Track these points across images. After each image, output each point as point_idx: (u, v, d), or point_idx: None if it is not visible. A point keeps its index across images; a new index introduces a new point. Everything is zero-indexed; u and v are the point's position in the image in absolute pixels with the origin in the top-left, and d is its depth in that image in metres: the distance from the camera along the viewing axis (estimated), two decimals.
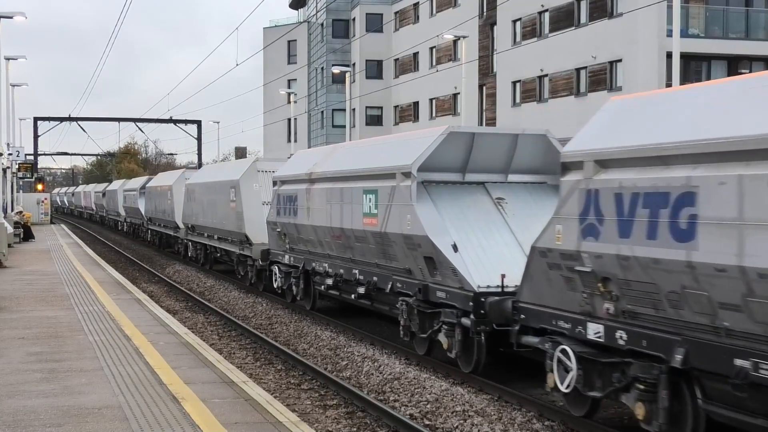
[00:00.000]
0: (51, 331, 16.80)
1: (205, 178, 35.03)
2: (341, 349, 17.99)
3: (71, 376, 12.56)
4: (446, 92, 66.83)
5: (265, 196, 26.83)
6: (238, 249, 28.70)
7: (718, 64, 46.21)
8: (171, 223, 42.43)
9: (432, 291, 15.58)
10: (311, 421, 12.41)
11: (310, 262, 21.80)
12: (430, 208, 15.73)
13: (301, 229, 22.00)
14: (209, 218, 32.80)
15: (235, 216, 28.42)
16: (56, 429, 9.75)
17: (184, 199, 38.25)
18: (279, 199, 23.75)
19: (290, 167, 23.85)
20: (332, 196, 19.83)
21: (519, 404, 13.18)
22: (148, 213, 50.42)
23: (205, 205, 33.53)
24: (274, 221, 24.19)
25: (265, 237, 25.88)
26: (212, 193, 32.17)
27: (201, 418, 10.14)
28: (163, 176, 51.03)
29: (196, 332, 19.49)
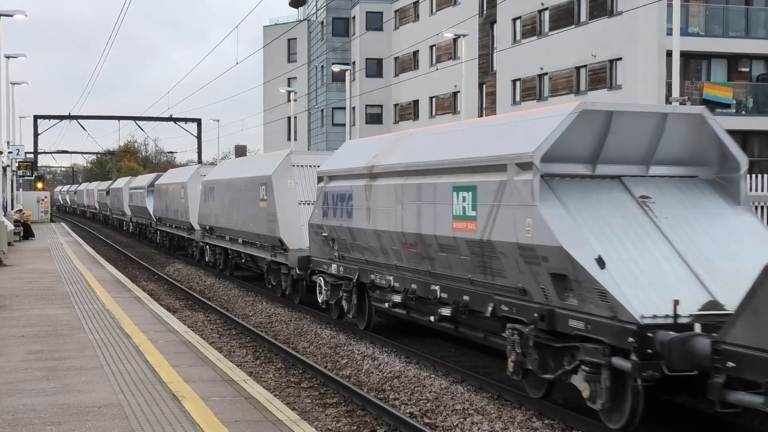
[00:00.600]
0: (51, 329, 16.81)
1: (226, 174, 31.32)
2: (341, 347, 17.99)
3: (71, 375, 12.56)
4: (446, 91, 66.81)
5: (302, 195, 23.76)
6: (270, 255, 25.04)
7: (718, 62, 46.23)
8: (184, 224, 38.99)
9: (562, 319, 11.95)
10: (311, 419, 12.42)
11: (367, 273, 18.30)
12: (559, 210, 12.22)
13: (358, 234, 18.45)
14: (232, 219, 29.25)
15: (267, 217, 24.81)
16: (56, 427, 9.76)
17: (200, 198, 34.76)
18: (326, 198, 20.11)
19: (340, 160, 20.23)
20: (404, 194, 16.27)
21: (519, 403, 13.18)
22: (158, 213, 46.63)
23: (227, 205, 29.97)
24: (319, 224, 20.47)
25: (302, 241, 22.86)
26: (236, 191, 28.58)
27: (201, 417, 10.15)
28: (174, 173, 47.88)
29: (196, 330, 19.50)
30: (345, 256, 19.46)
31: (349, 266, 19.25)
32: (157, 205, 46.66)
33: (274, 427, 9.81)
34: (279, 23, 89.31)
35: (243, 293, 27.49)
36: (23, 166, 63.69)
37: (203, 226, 34.19)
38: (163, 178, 47.38)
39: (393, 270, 17.16)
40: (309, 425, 10.14)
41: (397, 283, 16.89)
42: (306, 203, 23.40)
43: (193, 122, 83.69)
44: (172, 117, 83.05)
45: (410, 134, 18.02)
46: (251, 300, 25.85)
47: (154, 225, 48.69)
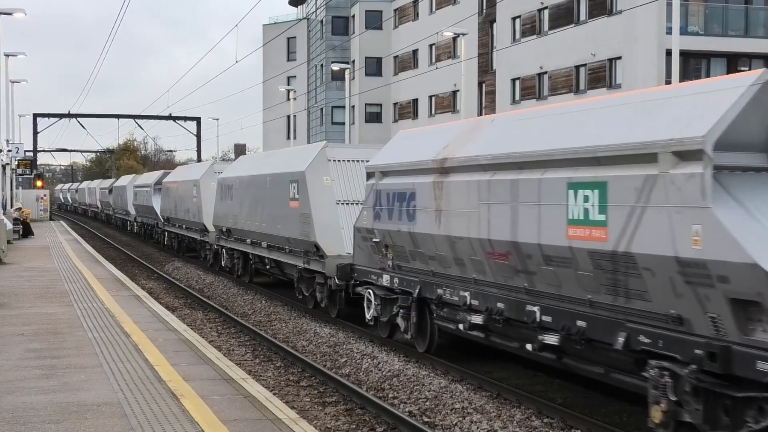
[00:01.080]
0: (50, 327, 16.81)
1: (248, 171, 28.25)
2: (340, 346, 17.99)
3: (70, 373, 12.56)
4: (446, 89, 66.81)
5: (340, 193, 21.10)
6: (302, 262, 22.23)
7: (717, 61, 46.22)
8: (196, 225, 36.12)
9: (745, 360, 8.99)
10: (310, 418, 12.42)
11: (431, 287, 15.38)
12: (743, 215, 9.22)
13: (422, 241, 15.36)
14: (255, 221, 26.35)
15: (299, 219, 21.99)
16: (55, 425, 9.76)
17: (216, 197, 31.83)
18: (379, 197, 17.10)
19: (396, 153, 17.14)
20: (492, 192, 13.16)
21: (518, 401, 13.18)
22: (166, 212, 43.53)
23: (249, 205, 27.03)
24: (368, 228, 17.46)
25: (341, 247, 20.45)
26: (261, 189, 25.68)
27: (200, 415, 10.15)
28: (184, 169, 45.10)
29: (195, 329, 19.51)
30: (402, 266, 16.45)
31: (407, 278, 16.27)
32: (165, 205, 43.79)
33: (273, 425, 9.81)
34: (278, 22, 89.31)
35: (242, 292, 27.48)
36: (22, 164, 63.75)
37: (219, 228, 31.20)
38: (171, 176, 44.79)
39: (470, 285, 14.11)
40: (308, 424, 10.14)
41: (476, 301, 14.00)
42: (345, 203, 20.99)
43: (192, 121, 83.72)
44: (171, 115, 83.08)
45: (492, 120, 14.99)
46: (250, 298, 25.84)
47: (162, 225, 45.99)
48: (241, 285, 29.04)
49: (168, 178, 44.75)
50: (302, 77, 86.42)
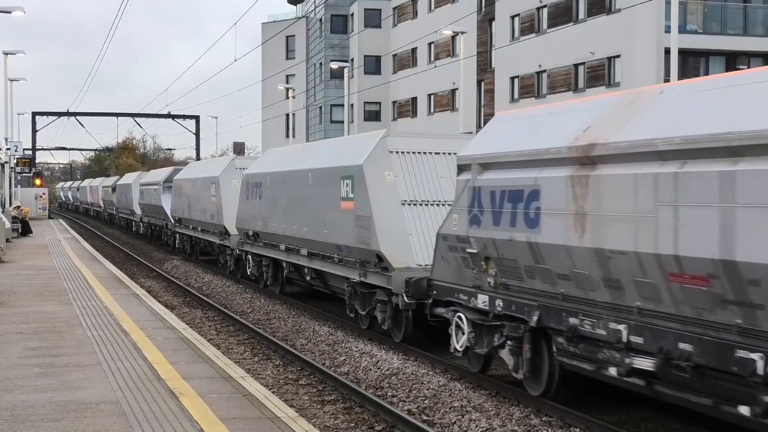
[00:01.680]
0: (49, 326, 16.80)
1: (282, 166, 24.68)
2: (339, 344, 17.99)
3: (69, 371, 12.56)
4: (444, 88, 66.82)
5: (406, 192, 17.73)
6: (358, 275, 18.65)
7: (716, 59, 46.24)
8: (215, 227, 32.38)
9: None
10: (309, 416, 12.42)
11: (559, 315, 11.89)
12: None
13: (550, 254, 11.86)
14: (292, 223, 22.88)
15: (355, 223, 18.48)
16: (54, 424, 9.76)
17: (240, 196, 28.14)
18: (477, 196, 13.59)
19: (501, 139, 13.67)
20: (683, 190, 9.72)
21: (517, 400, 13.18)
22: (177, 212, 39.87)
23: (284, 205, 23.62)
24: (461, 235, 13.95)
25: (410, 257, 17.09)
26: (301, 187, 22.26)
27: (199, 414, 10.15)
28: (199, 165, 41.60)
29: (194, 327, 19.50)
30: (511, 285, 12.99)
31: (519, 301, 12.79)
32: (177, 204, 40.07)
33: (272, 423, 9.82)
34: (277, 20, 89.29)
35: (241, 290, 27.47)
36: (21, 162, 63.73)
37: (243, 231, 27.53)
38: (184, 173, 41.06)
39: (630, 315, 10.64)
40: (307, 422, 10.15)
41: (638, 338, 10.54)
42: (412, 203, 17.62)
43: (191, 119, 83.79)
44: (170, 114, 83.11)
45: (660, 91, 11.28)
46: (249, 297, 25.83)
47: (172, 227, 42.15)
48: (240, 284, 29.01)
49: (180, 175, 41.14)
50: (301, 75, 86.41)
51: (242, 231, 27.72)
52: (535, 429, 11.72)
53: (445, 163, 18.12)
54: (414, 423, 11.69)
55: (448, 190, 17.13)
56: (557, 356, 12.24)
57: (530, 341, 12.78)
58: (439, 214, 16.94)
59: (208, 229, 33.73)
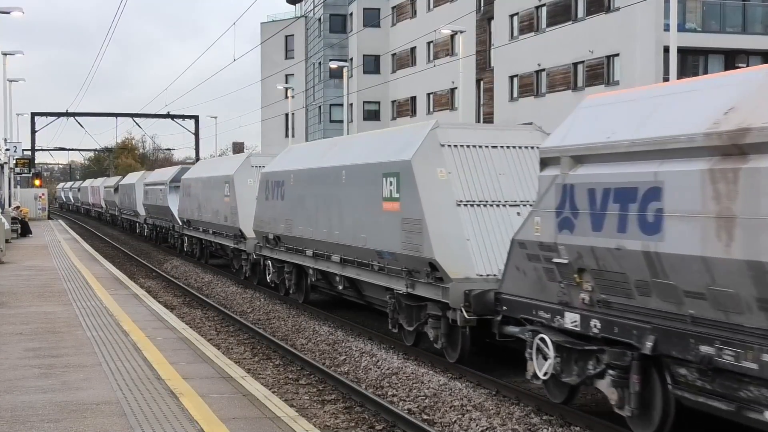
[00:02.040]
0: (49, 326, 16.80)
1: (308, 162, 22.41)
2: (339, 344, 17.99)
3: (69, 372, 12.56)
4: (443, 87, 66.85)
5: (461, 191, 15.49)
6: (404, 285, 16.30)
7: (715, 58, 46.25)
8: (228, 230, 30.01)
9: None
10: (309, 416, 12.42)
11: (684, 342, 9.76)
12: None
13: (677, 266, 9.68)
14: (322, 226, 20.46)
15: (401, 226, 16.02)
16: (54, 424, 9.76)
17: (258, 196, 25.90)
18: (570, 196, 11.26)
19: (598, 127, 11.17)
20: None
21: (517, 399, 13.18)
22: (185, 214, 37.53)
23: (312, 206, 21.24)
24: (547, 241, 11.67)
25: (468, 266, 14.74)
26: (332, 186, 19.89)
27: (199, 414, 10.15)
28: (210, 164, 39.26)
29: (194, 327, 19.50)
30: (613, 303, 10.76)
31: (625, 322, 10.57)
32: (185, 205, 37.65)
33: (273, 423, 9.81)
34: (276, 20, 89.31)
35: (241, 290, 27.47)
36: (20, 163, 63.70)
37: (263, 235, 25.18)
38: (193, 171, 38.60)
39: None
40: (307, 422, 10.15)
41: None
42: (469, 204, 15.41)
43: (190, 119, 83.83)
44: (169, 114, 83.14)
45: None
46: (249, 297, 25.82)
47: (179, 229, 39.97)
48: (240, 283, 28.99)
49: (188, 174, 38.57)
50: (300, 75, 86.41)
51: (261, 234, 25.40)
52: (535, 428, 11.72)
53: (504, 158, 16.16)
54: (414, 422, 11.69)
55: (509, 189, 15.70)
56: (674, 390, 10.17)
57: (638, 372, 10.55)
58: (499, 217, 15.29)
59: (220, 232, 31.39)
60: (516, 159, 16.22)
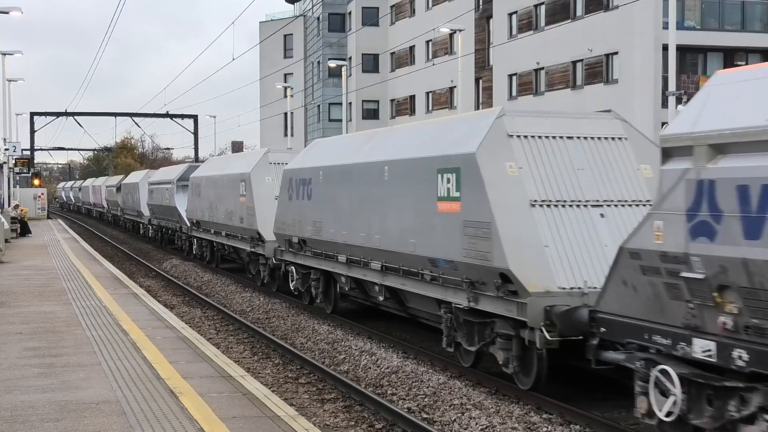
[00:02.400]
0: (48, 326, 16.80)
1: (337, 158, 20.29)
2: (339, 343, 17.99)
3: (69, 371, 12.56)
4: (443, 86, 66.84)
5: (535, 189, 13.30)
6: (466, 299, 14.00)
7: (714, 56, 46.26)
8: (244, 231, 27.52)
9: None
10: (309, 415, 12.42)
11: None
12: None
13: None
14: (358, 229, 18.14)
15: (462, 230, 13.87)
16: (54, 424, 9.76)
17: (280, 196, 23.71)
18: (708, 195, 9.08)
19: (741, 109, 8.96)
20: None
21: (517, 397, 13.18)
22: (194, 214, 35.27)
23: (346, 206, 18.97)
24: (678, 252, 9.35)
25: (548, 278, 12.62)
26: (370, 184, 17.65)
27: (199, 413, 10.15)
28: (221, 161, 37.44)
29: (193, 327, 19.50)
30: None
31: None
32: (194, 205, 35.33)
33: (272, 422, 9.82)
34: (275, 19, 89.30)
35: (240, 289, 27.46)
36: (20, 162, 63.68)
37: (285, 238, 22.79)
38: (203, 169, 36.14)
39: None
40: (307, 421, 10.15)
41: None
42: (545, 205, 13.25)
43: (189, 118, 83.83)
44: (168, 113, 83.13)
45: None
46: (248, 296, 25.81)
47: (187, 231, 37.74)
48: (239, 282, 28.98)
49: (198, 172, 36.21)
50: (299, 74, 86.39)
51: (283, 237, 22.97)
52: (535, 426, 11.72)
53: (581, 151, 14.11)
54: (414, 421, 11.69)
55: (589, 187, 13.67)
56: None
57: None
58: (580, 219, 13.26)
59: (234, 234, 29.02)
60: (596, 152, 14.20)
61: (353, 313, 21.54)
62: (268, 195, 25.76)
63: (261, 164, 27.03)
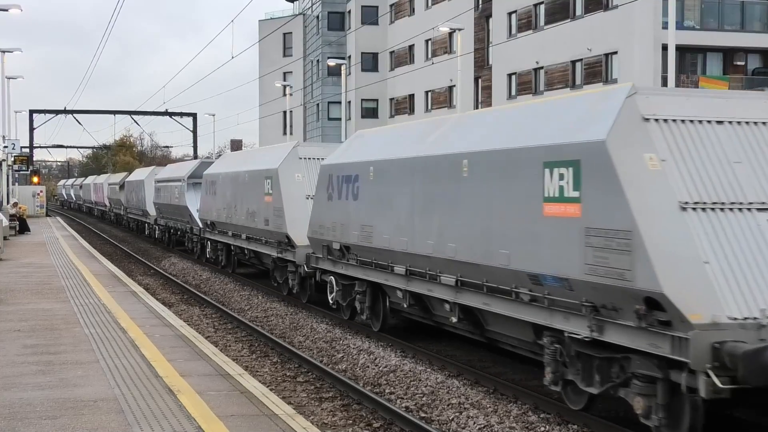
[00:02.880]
0: (47, 323, 16.80)
1: (390, 151, 17.11)
2: (337, 341, 17.99)
3: (67, 369, 12.56)
4: (442, 85, 66.83)
5: (682, 189, 10.33)
6: (587, 327, 11.00)
7: (713, 56, 46.29)
8: (271, 235, 24.43)
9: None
10: (307, 413, 12.42)
11: None
12: None
13: None
14: (425, 236, 15.06)
15: (577, 241, 11.03)
16: (52, 421, 9.76)
17: (316, 195, 20.49)
18: None
19: None
20: None
21: (515, 396, 13.18)
22: (208, 215, 32.59)
23: (409, 209, 15.67)
24: None
25: (712, 303, 9.62)
26: (442, 181, 14.56)
27: (197, 411, 10.15)
28: (240, 156, 33.81)
29: (191, 325, 19.50)
30: None
31: None
32: (208, 205, 32.60)
33: (270, 421, 9.82)
34: (274, 17, 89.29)
35: (239, 287, 27.45)
36: (19, 160, 63.75)
37: (322, 244, 19.83)
38: (219, 165, 33.14)
39: None
40: (305, 419, 10.15)
41: None
42: (698, 208, 10.16)
43: (188, 116, 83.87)
44: (167, 111, 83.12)
45: None
46: (247, 294, 25.82)
47: (199, 232, 35.24)
48: (238, 281, 28.97)
49: (212, 169, 33.47)
50: (298, 73, 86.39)
51: (319, 243, 20.08)
52: (532, 426, 11.72)
53: (736, 138, 10.96)
54: (412, 420, 11.69)
55: (750, 185, 10.57)
56: None
57: None
58: (744, 226, 10.22)
59: (257, 237, 25.97)
60: (753, 140, 11.07)
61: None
62: (299, 194, 22.98)
63: (290, 159, 23.65)
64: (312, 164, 23.07)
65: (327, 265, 19.81)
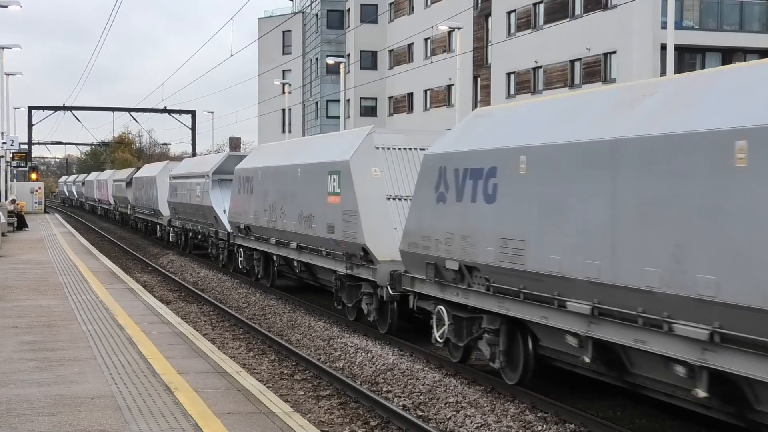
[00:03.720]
0: (44, 320, 16.79)
1: (542, 134, 12.01)
2: (334, 339, 17.99)
3: (64, 366, 12.56)
4: (441, 83, 66.81)
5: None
6: None
7: (712, 56, 46.28)
8: (337, 246, 19.41)
9: None
10: (304, 411, 12.43)
11: None
12: None
13: None
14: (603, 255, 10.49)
15: None
16: (49, 418, 9.76)
17: (415, 195, 15.48)
18: None
19: None
20: None
21: (512, 396, 13.18)
22: (240, 217, 27.51)
23: (574, 214, 11.04)
24: None
25: None
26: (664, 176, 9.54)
27: (194, 408, 10.15)
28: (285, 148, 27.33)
29: (189, 322, 19.50)
30: None
31: None
32: (241, 206, 27.43)
33: (267, 419, 9.82)
34: (274, 15, 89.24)
35: (236, 285, 27.44)
36: (17, 156, 63.67)
37: (427, 261, 14.80)
38: (257, 159, 27.69)
39: None
40: (302, 417, 10.15)
41: None
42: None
43: (187, 114, 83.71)
44: (166, 108, 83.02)
45: None
46: (245, 292, 25.81)
47: (227, 237, 30.56)
48: (236, 279, 28.91)
49: (247, 162, 28.22)
50: (297, 71, 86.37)
51: (421, 259, 15.04)
52: (530, 425, 11.73)
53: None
54: (409, 418, 11.69)
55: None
56: None
57: None
58: None
59: (315, 248, 20.97)
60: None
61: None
62: (378, 194, 18.16)
63: (364, 149, 18.57)
64: (392, 156, 18.64)
65: (432, 290, 14.92)
